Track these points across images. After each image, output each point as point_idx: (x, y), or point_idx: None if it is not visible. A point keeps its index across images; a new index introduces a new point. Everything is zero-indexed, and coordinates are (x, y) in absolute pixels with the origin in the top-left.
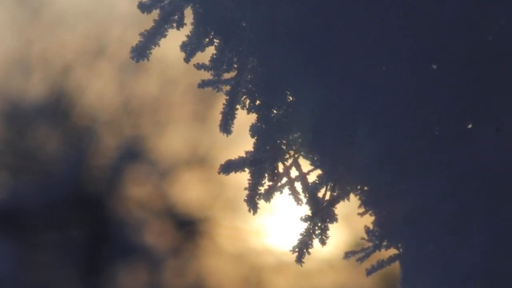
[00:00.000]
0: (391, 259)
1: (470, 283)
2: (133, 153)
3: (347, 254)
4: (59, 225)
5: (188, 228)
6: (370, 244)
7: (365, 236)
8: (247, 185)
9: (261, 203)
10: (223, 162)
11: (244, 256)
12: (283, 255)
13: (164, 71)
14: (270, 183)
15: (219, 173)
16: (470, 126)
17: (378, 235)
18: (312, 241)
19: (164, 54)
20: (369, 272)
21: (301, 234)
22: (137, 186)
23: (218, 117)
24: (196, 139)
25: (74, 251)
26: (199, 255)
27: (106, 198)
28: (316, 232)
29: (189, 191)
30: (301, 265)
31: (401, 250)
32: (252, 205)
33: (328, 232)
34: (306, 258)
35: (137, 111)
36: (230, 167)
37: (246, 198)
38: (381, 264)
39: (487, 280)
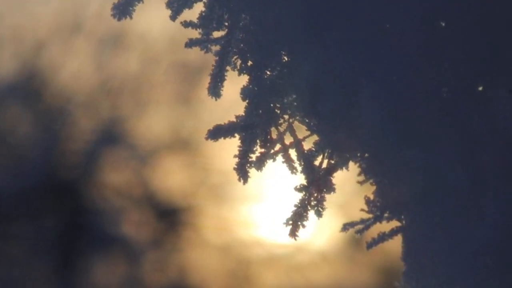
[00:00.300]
0: (393, 232)
1: (482, 258)
2: (111, 137)
3: (345, 226)
4: (31, 214)
5: (170, 217)
6: (370, 216)
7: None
8: (237, 153)
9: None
10: (208, 142)
11: (230, 248)
12: (273, 247)
13: (145, 49)
14: (262, 150)
15: (206, 139)
16: (481, 88)
17: (379, 206)
18: (307, 213)
19: (145, 30)
20: (369, 246)
21: (295, 206)
22: (115, 172)
23: (203, 98)
24: (179, 122)
25: (47, 242)
26: (182, 247)
27: (81, 185)
28: (312, 203)
29: (171, 178)
30: (295, 239)
31: (404, 222)
32: (243, 174)
33: (324, 203)
34: (299, 251)
35: (115, 91)
36: (219, 132)
37: (236, 166)
38: (382, 237)
39: (500, 255)
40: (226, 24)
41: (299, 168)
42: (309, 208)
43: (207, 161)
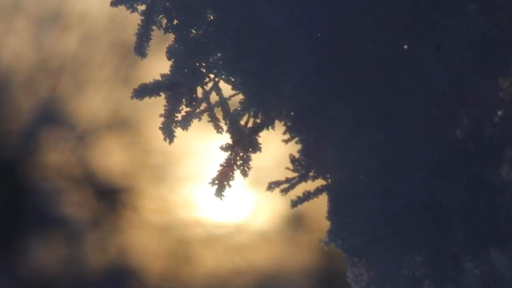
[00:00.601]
0: (318, 190)
1: (407, 214)
2: (50, 116)
3: (271, 185)
4: None
5: (109, 198)
6: (296, 174)
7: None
8: (163, 112)
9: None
10: (155, 124)
11: (170, 229)
12: (213, 227)
13: (84, 28)
14: (188, 109)
15: (132, 98)
16: (406, 46)
17: (305, 165)
18: (233, 173)
19: (85, 10)
20: (294, 204)
21: (221, 165)
22: (55, 152)
23: (142, 78)
24: (118, 102)
25: None
26: (121, 227)
27: (19, 165)
28: (238, 162)
29: (111, 158)
30: (221, 199)
31: (329, 180)
32: (168, 133)
33: (250, 162)
34: (238, 231)
35: (54, 71)
36: (144, 91)
37: (161, 126)
38: (308, 196)
39: (426, 212)
40: None
41: (225, 128)
42: (235, 167)
43: (147, 141)
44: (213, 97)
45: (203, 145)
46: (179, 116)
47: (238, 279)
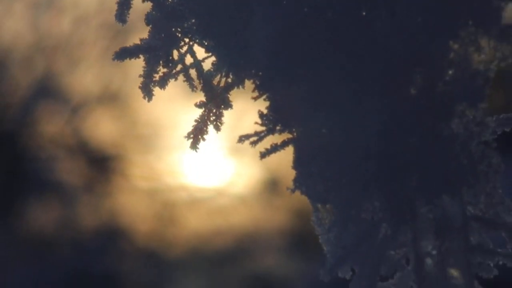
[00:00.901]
0: (285, 143)
1: (366, 164)
2: (46, 91)
3: (241, 138)
4: None
5: (100, 165)
6: (264, 128)
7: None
8: (141, 73)
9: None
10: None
11: (157, 193)
12: (196, 191)
13: (77, 10)
14: (165, 70)
15: (113, 59)
16: (364, 13)
17: (272, 120)
18: (207, 128)
19: None
20: (262, 155)
21: (195, 121)
22: (50, 124)
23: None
24: (108, 77)
25: None
26: (112, 192)
27: (18, 136)
28: (211, 118)
29: (102, 129)
30: (195, 151)
31: (295, 134)
32: (147, 92)
33: (222, 118)
34: (219, 195)
35: (49, 50)
36: (124, 54)
37: (141, 85)
38: (275, 148)
39: (383, 162)
40: None
41: (199, 87)
42: (209, 123)
43: (134, 114)
44: (188, 59)
45: (186, 117)
46: (156, 77)
47: (218, 238)
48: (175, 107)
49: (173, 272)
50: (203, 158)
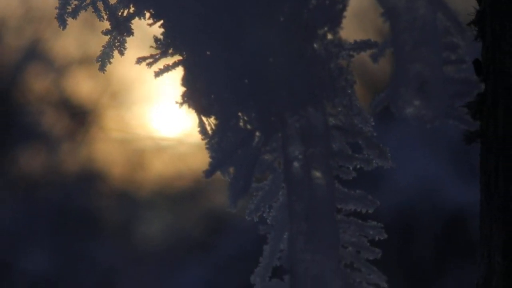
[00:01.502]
0: (176, 64)
1: (242, 81)
2: (34, 55)
3: (139, 59)
4: None
5: (80, 118)
6: (158, 51)
7: None
8: (57, 5)
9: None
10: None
11: (127, 142)
12: (161, 140)
13: None
14: (76, 2)
15: None
16: None
17: (165, 44)
18: (112, 52)
19: None
20: (156, 74)
21: (103, 46)
22: (37, 82)
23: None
24: (86, 42)
25: None
26: (89, 141)
27: (9, 91)
28: (116, 44)
29: (82, 86)
30: (103, 72)
31: (184, 56)
32: (62, 22)
33: (126, 44)
34: (180, 143)
35: (37, 18)
36: None
37: (56, 16)
38: (167, 68)
39: (256, 78)
40: None
41: (105, 17)
42: (114, 48)
43: (108, 74)
44: None
45: (151, 76)
46: (70, 8)
47: (180, 180)
48: (141, 67)
49: (141, 209)
50: (167, 111)
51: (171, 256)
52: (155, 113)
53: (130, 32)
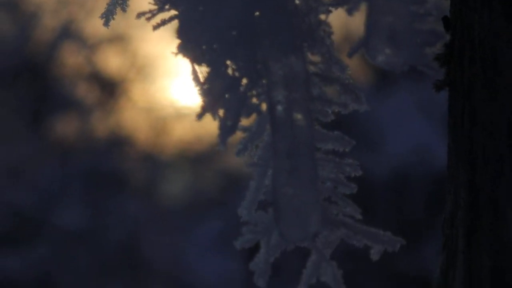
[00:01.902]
0: (171, 18)
1: (230, 31)
2: (68, 33)
3: (139, 15)
4: (9, 84)
5: (109, 89)
6: (156, 7)
7: None
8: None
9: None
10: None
11: (152, 111)
12: (182, 108)
13: None
14: None
15: None
16: None
17: (162, 0)
18: (115, 9)
19: None
20: (155, 28)
21: (107, 4)
22: (71, 58)
23: (134, 5)
24: (116, 21)
25: (20, 106)
26: (118, 109)
27: (47, 66)
28: (119, 2)
29: (111, 62)
30: (107, 27)
31: (179, 10)
32: None
33: (128, 2)
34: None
35: (71, 3)
36: None
37: None
38: (164, 22)
39: (243, 29)
40: None
41: None
42: (117, 5)
43: (136, 48)
44: None
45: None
46: None
47: (198, 144)
48: (165, 44)
49: (164, 170)
50: (187, 84)
51: (191, 211)
52: (176, 85)
53: None
